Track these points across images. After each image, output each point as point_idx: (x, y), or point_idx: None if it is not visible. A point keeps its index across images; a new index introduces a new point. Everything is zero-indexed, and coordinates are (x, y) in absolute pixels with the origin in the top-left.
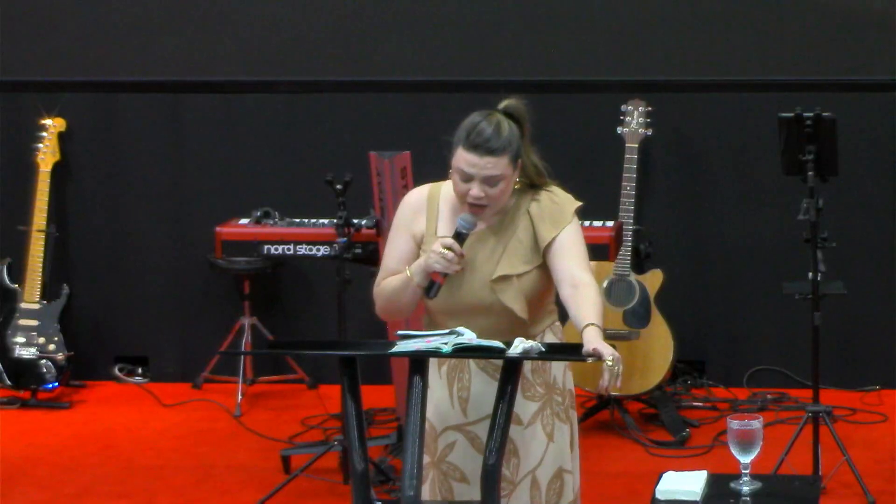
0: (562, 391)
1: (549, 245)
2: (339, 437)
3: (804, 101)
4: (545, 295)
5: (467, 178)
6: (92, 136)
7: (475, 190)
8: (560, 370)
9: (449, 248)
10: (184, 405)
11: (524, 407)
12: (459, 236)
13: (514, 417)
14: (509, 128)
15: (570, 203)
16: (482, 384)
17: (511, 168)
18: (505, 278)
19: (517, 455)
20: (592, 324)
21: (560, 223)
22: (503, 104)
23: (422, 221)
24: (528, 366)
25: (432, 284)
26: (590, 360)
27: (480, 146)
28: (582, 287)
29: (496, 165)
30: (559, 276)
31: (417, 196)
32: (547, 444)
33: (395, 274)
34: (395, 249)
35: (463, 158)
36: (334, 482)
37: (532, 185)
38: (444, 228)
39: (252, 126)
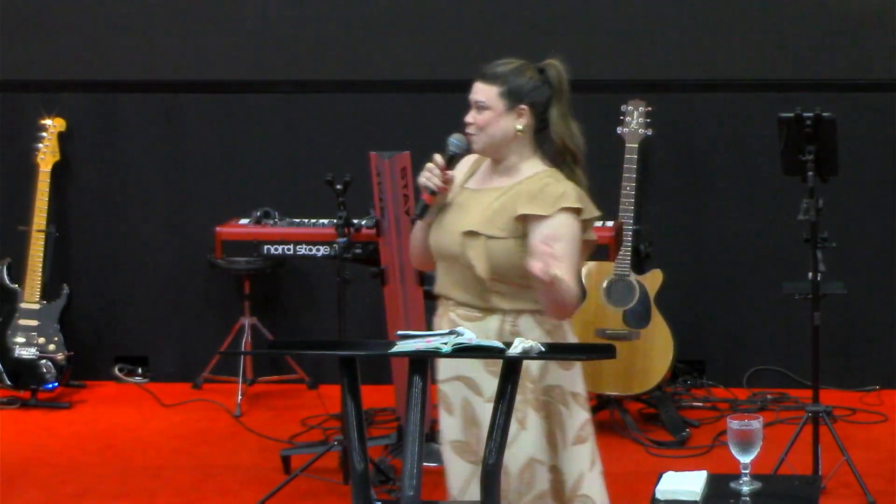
0: (535, 381)
1: (527, 227)
2: (339, 437)
3: (804, 101)
4: (525, 273)
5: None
6: (92, 136)
7: (469, 115)
8: (536, 363)
9: (434, 163)
10: (184, 405)
11: (487, 381)
12: (450, 157)
13: (475, 388)
14: (517, 69)
15: (563, 199)
16: None
17: (501, 103)
18: (474, 234)
19: (482, 428)
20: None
21: (539, 207)
22: (546, 61)
23: (461, 173)
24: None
25: (420, 203)
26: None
27: (479, 72)
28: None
29: (483, 92)
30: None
31: (473, 155)
32: (517, 430)
33: None
34: None
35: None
36: (334, 482)
37: (559, 161)
38: (474, 181)
39: (252, 126)
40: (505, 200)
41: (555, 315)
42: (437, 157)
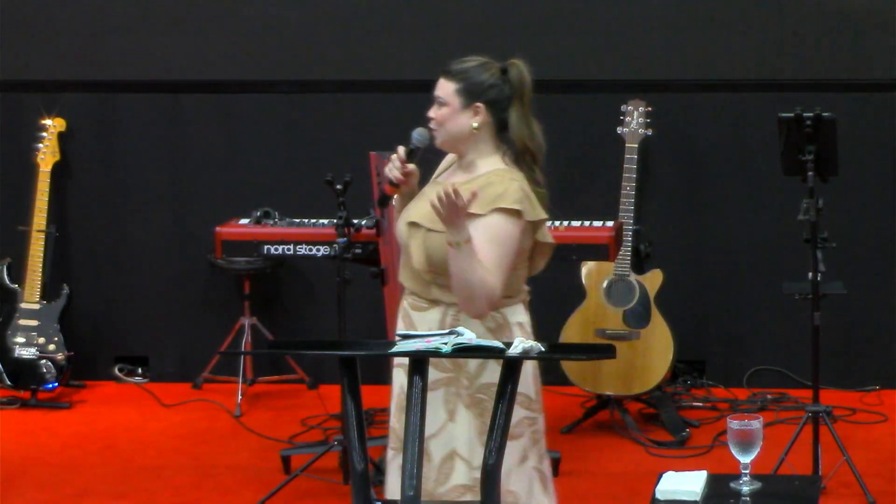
0: (471, 378)
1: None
2: (339, 437)
3: (804, 101)
4: (447, 268)
5: None
6: (92, 136)
7: (431, 109)
8: (474, 362)
9: (397, 155)
10: (184, 405)
11: (429, 373)
12: (411, 150)
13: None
14: (477, 67)
15: (500, 199)
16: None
17: (458, 100)
18: (416, 225)
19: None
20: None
21: (475, 205)
22: (510, 60)
23: (442, 167)
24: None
25: (380, 193)
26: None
27: (444, 68)
28: None
29: (442, 87)
30: None
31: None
32: (445, 420)
33: None
34: None
35: None
36: (334, 482)
37: (519, 161)
38: (444, 175)
39: (252, 126)
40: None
41: (464, 305)
42: (401, 150)
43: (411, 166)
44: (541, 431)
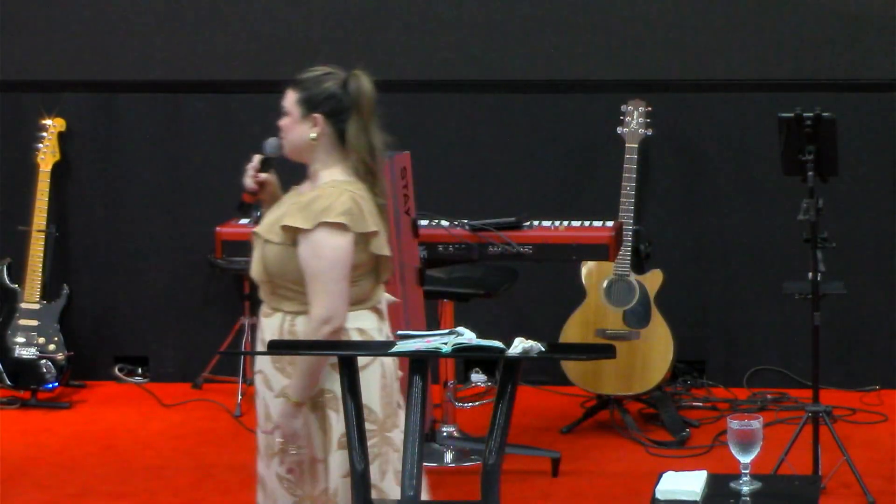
0: None
1: (296, 238)
2: None
3: (804, 101)
4: (283, 278)
5: None
6: (92, 136)
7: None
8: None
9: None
10: (184, 405)
11: (276, 377)
12: (263, 159)
13: (268, 382)
14: (318, 77)
15: (325, 213)
16: None
17: (298, 110)
18: (256, 235)
19: (272, 421)
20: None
21: (302, 219)
22: (353, 71)
23: None
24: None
25: (238, 200)
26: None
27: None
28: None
29: (287, 97)
30: None
31: None
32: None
33: None
34: None
35: None
36: None
37: (360, 174)
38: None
39: (252, 126)
40: (286, 208)
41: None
42: (255, 159)
43: (264, 175)
44: (390, 446)
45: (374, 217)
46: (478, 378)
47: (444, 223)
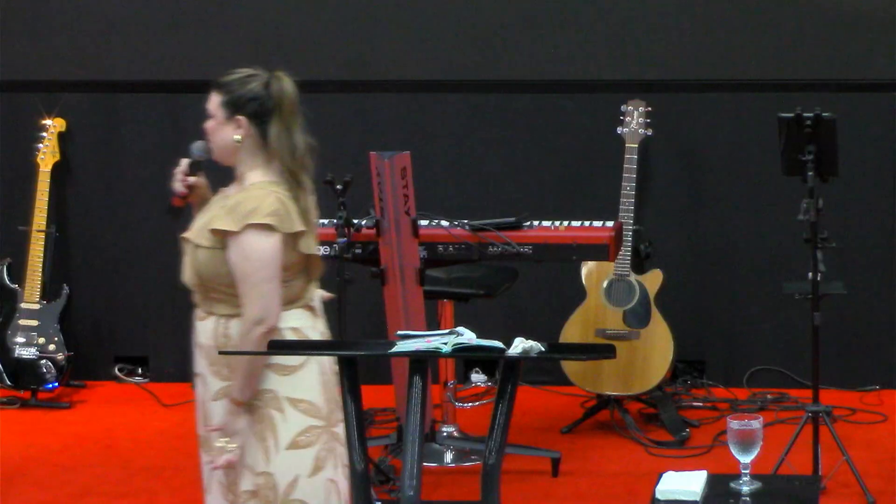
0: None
1: (225, 241)
2: None
3: (804, 101)
4: (215, 282)
5: None
6: (92, 136)
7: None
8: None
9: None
10: (184, 405)
11: (212, 380)
12: (192, 163)
13: (205, 384)
14: (242, 79)
15: (251, 215)
16: None
17: (222, 112)
18: (186, 240)
19: (211, 424)
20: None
21: (229, 222)
22: (274, 73)
23: None
24: (214, 343)
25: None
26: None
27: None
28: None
29: (211, 99)
30: None
31: None
32: None
33: None
34: None
35: None
36: None
37: (285, 175)
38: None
39: None
40: (215, 211)
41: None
42: (184, 162)
43: (193, 179)
44: (338, 441)
45: (302, 217)
46: (478, 378)
47: (444, 223)
